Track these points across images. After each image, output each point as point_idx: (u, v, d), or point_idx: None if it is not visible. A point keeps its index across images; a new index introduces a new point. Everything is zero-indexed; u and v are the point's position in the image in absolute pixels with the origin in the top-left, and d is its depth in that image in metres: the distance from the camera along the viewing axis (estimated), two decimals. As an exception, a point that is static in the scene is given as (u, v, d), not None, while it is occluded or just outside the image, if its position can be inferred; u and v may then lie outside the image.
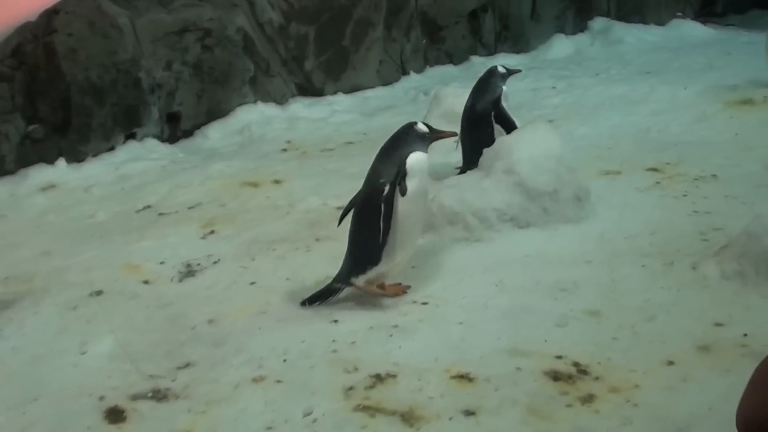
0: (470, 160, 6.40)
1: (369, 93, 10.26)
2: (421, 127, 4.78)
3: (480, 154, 5.99)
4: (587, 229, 5.65)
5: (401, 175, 4.63)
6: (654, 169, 6.79)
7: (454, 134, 5.06)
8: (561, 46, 12.33)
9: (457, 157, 6.78)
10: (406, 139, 4.74)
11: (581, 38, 12.77)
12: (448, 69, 11.34)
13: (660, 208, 5.99)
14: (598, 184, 6.29)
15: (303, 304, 4.86)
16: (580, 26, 13.14)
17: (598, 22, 13.19)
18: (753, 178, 6.48)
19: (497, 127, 6.53)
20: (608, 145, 7.52)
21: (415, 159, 4.69)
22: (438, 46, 11.48)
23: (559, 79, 10.22)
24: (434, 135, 4.82)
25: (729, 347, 4.17)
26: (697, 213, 5.90)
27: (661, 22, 13.58)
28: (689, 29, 13.21)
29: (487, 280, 5.03)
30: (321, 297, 4.84)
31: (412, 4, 10.96)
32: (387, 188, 4.59)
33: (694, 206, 6.02)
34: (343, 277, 4.82)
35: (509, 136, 6.01)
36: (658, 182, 6.52)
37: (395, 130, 4.87)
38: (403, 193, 4.62)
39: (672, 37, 12.83)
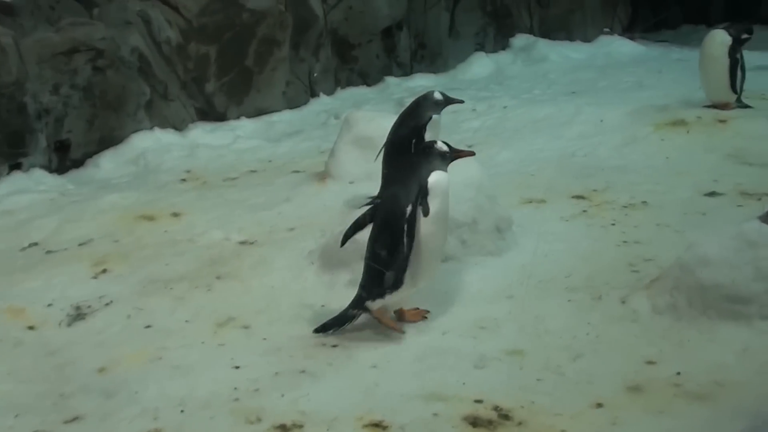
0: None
1: (275, 117, 10.25)
2: (442, 146, 4.91)
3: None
4: (509, 261, 5.70)
5: (423, 195, 4.75)
6: (580, 197, 6.89)
7: (472, 153, 5.19)
8: (481, 64, 12.48)
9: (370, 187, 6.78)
10: (426, 158, 4.88)
11: (502, 56, 12.96)
12: (361, 90, 11.39)
13: (587, 239, 6.07)
14: (521, 214, 6.36)
15: (317, 331, 4.91)
16: (501, 44, 13.35)
17: (520, 39, 13.40)
18: (685, 205, 6.62)
19: None
20: (531, 171, 7.61)
21: (437, 179, 4.83)
22: (350, 66, 11.54)
23: (480, 101, 10.30)
24: (454, 154, 4.95)
25: (662, 387, 4.22)
26: (626, 243, 5.99)
27: (587, 39, 13.85)
28: (617, 46, 13.50)
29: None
30: (335, 324, 4.89)
31: (321, 22, 11.00)
32: (409, 209, 4.70)
33: (623, 236, 6.11)
34: (359, 302, 4.88)
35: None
36: (584, 210, 6.61)
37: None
38: (426, 213, 4.73)
39: (599, 55, 13.08)
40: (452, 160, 4.95)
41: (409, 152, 6.45)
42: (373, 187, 6.60)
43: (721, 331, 4.72)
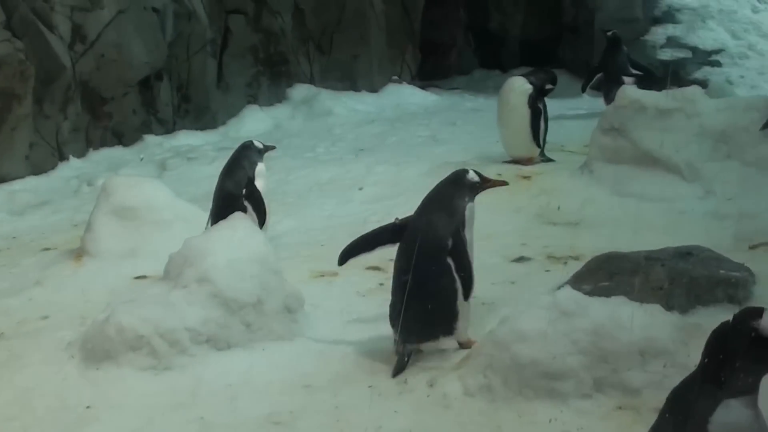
0: None
1: (17, 185, 10.03)
2: (473, 176, 5.63)
3: None
4: (302, 346, 5.76)
5: (461, 226, 5.47)
6: (376, 268, 7.02)
7: (505, 183, 5.97)
8: (255, 120, 12.62)
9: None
10: (459, 188, 5.60)
11: (280, 110, 13.14)
12: (118, 152, 11.30)
13: (386, 316, 6.16)
14: (312, 289, 6.44)
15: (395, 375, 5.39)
16: (277, 95, 13.51)
17: (299, 90, 13.61)
18: (493, 273, 6.84)
19: (250, 211, 6.85)
20: (320, 240, 7.72)
21: (471, 210, 5.57)
22: (103, 123, 11.41)
23: (256, 162, 10.39)
24: (486, 184, 5.66)
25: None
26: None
27: (374, 89, 14.19)
28: (407, 95, 13.89)
29: (183, 418, 5.00)
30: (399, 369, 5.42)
31: (69, 72, 10.86)
32: (451, 242, 5.43)
33: (423, 310, 6.26)
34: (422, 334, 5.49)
35: (200, 236, 6.07)
36: (381, 284, 6.73)
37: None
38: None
39: (388, 106, 13.41)
40: (482, 190, 5.66)
41: (243, 208, 6.63)
42: (143, 266, 6.57)
43: (540, 411, 4.91)
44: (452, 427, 4.83)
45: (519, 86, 9.60)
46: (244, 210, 6.92)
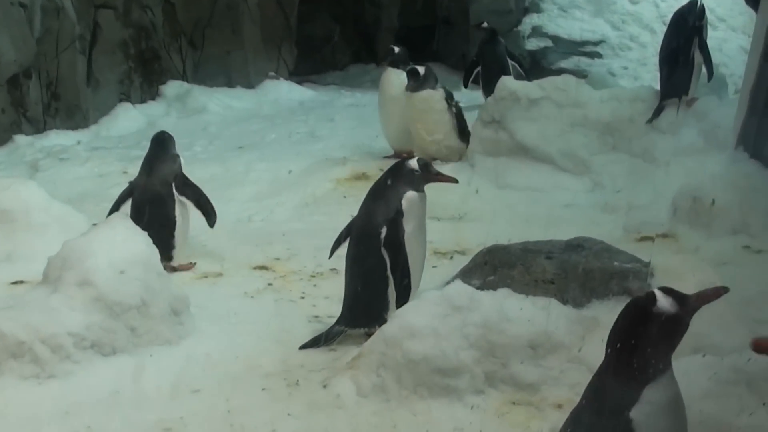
0: None
1: None
2: (413, 164, 5.72)
3: (160, 245, 6.09)
4: (190, 349, 5.68)
5: (399, 216, 5.59)
6: (263, 267, 7.02)
7: (455, 180, 6.09)
8: (128, 118, 12.45)
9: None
10: (397, 178, 5.71)
11: (153, 107, 13.00)
12: (-16, 155, 11.04)
13: (277, 316, 6.16)
14: (198, 291, 6.38)
15: (304, 347, 5.65)
16: (150, 93, 13.35)
17: (172, 87, 13.47)
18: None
19: (182, 201, 6.96)
20: (202, 240, 7.64)
21: (410, 200, 5.65)
22: (-34, 125, 11.15)
23: (131, 161, 10.10)
24: (430, 176, 5.77)
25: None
26: (318, 318, 6.14)
27: (250, 84, 14.12)
28: (285, 91, 13.87)
29: (70, 428, 4.89)
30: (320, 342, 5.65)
31: (-66, 71, 10.59)
32: (385, 232, 5.58)
33: (314, 310, 6.28)
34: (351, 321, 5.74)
35: (80, 237, 5.94)
36: (270, 284, 6.73)
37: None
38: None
39: (265, 102, 13.37)
40: (427, 182, 5.76)
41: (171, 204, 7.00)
42: (20, 270, 6.43)
43: (434, 410, 4.94)
44: (346, 429, 4.82)
45: (396, 77, 9.63)
46: (172, 211, 6.94)
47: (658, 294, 3.22)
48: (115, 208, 7.15)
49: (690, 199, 7.31)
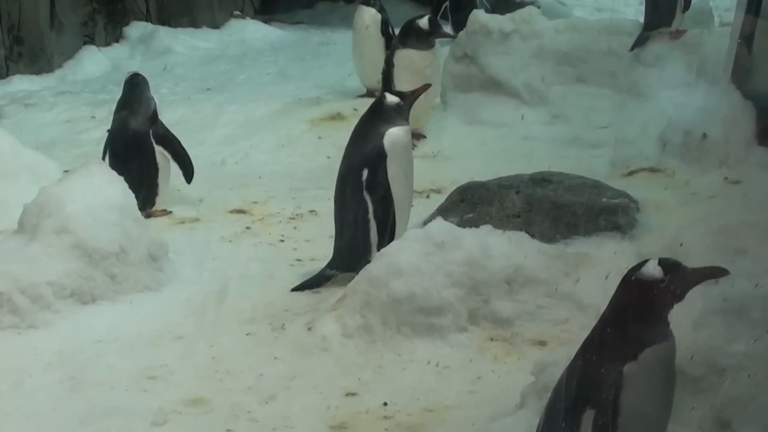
0: None
1: None
2: (392, 98, 5.73)
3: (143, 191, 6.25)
4: (171, 295, 5.72)
5: (381, 157, 5.60)
6: (240, 211, 7.02)
7: (427, 86, 6.14)
8: (93, 61, 12.31)
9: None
10: (379, 116, 5.73)
11: (118, 50, 12.86)
12: (-52, 100, 10.93)
13: (256, 260, 6.19)
14: (175, 237, 6.40)
15: (295, 289, 5.71)
16: (113, 35, 13.19)
17: (135, 29, 13.31)
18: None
19: (160, 151, 6.89)
20: (176, 185, 7.61)
21: (394, 137, 5.64)
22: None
23: (99, 106, 10.10)
24: (411, 99, 5.76)
25: (370, 422, 4.40)
26: (300, 261, 6.18)
27: (215, 24, 13.97)
28: (252, 31, 13.72)
29: (52, 379, 4.89)
30: (313, 284, 5.73)
31: None
32: (366, 173, 5.62)
33: (295, 253, 6.31)
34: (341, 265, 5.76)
35: (56, 184, 5.93)
36: (248, 227, 6.74)
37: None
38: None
39: (232, 42, 13.26)
40: (409, 108, 5.76)
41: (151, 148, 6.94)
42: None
43: (419, 349, 5.00)
44: (333, 370, 4.87)
45: (371, 16, 9.60)
46: (153, 156, 6.94)
47: (657, 267, 3.30)
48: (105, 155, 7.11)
49: (680, 134, 7.34)
